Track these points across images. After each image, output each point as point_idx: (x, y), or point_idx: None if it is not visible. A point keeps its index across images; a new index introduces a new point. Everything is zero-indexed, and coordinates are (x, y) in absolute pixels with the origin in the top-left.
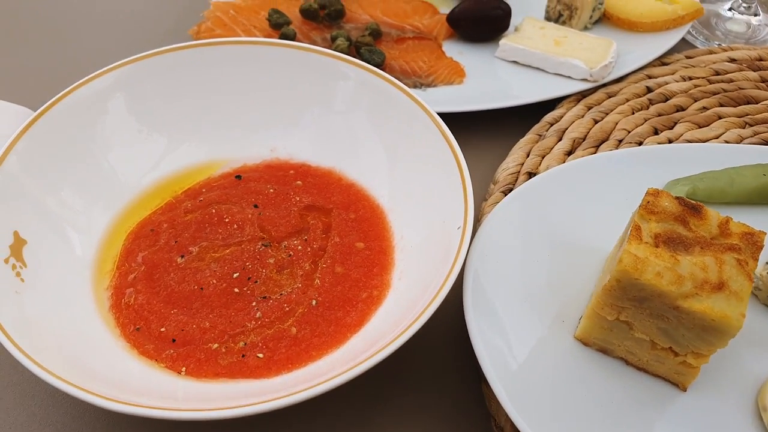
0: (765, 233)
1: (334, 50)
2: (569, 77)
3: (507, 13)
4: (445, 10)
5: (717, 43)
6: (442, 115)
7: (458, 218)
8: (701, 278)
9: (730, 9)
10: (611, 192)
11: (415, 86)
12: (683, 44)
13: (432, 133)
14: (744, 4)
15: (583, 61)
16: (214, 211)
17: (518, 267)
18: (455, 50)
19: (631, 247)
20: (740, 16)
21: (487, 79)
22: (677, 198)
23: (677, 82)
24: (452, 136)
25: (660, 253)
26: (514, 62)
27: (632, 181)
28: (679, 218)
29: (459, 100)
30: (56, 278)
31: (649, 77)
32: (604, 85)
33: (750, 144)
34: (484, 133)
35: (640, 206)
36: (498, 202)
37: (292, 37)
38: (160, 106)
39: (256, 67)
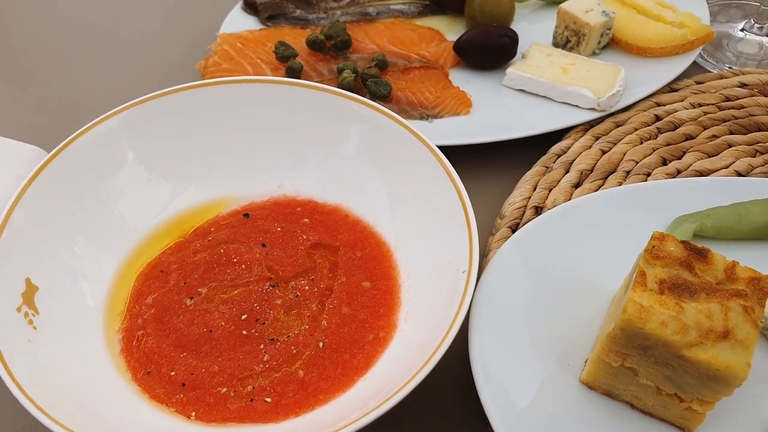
0: None
1: (340, 83)
2: (577, 106)
3: (514, 41)
4: (452, 36)
5: (728, 66)
6: (448, 148)
7: (464, 260)
8: (706, 327)
9: (742, 30)
10: (617, 229)
11: (421, 118)
12: (693, 67)
13: (437, 173)
14: (757, 25)
15: (591, 91)
16: (222, 250)
17: (523, 309)
18: (462, 78)
19: (635, 294)
20: (753, 37)
21: (494, 109)
22: (683, 242)
23: (686, 109)
24: (458, 177)
25: (664, 301)
26: (522, 90)
27: (638, 217)
28: (684, 263)
29: (465, 132)
30: (68, 323)
31: (658, 104)
32: (612, 114)
33: (761, 172)
34: (492, 163)
35: (645, 250)
36: (505, 238)
37: (299, 71)
38: (168, 146)
39: (262, 105)
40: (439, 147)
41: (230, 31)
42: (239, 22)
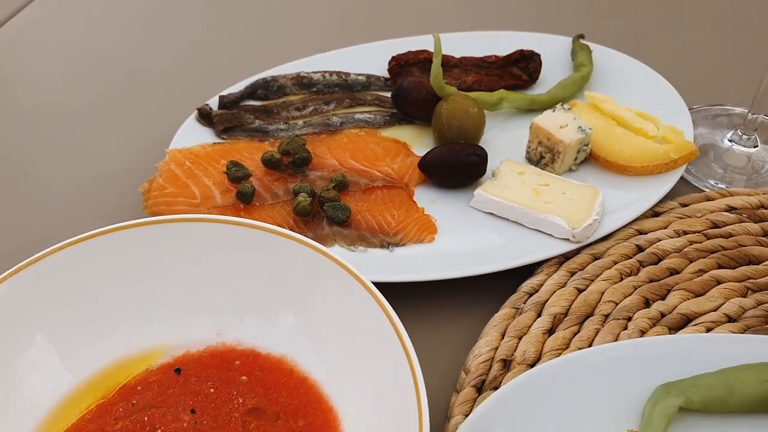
0: None
1: (296, 207)
2: (550, 235)
3: (483, 159)
4: (420, 148)
5: (714, 182)
6: (409, 284)
7: None
8: None
9: (729, 140)
10: (591, 400)
11: (382, 246)
12: (678, 182)
13: (387, 334)
14: (744, 135)
15: (565, 220)
16: (146, 418)
17: None
18: (427, 198)
19: None
20: (740, 149)
21: (461, 236)
22: None
23: (671, 238)
24: (410, 344)
25: None
26: (491, 213)
27: (616, 385)
28: None
29: (428, 264)
30: None
31: (640, 232)
32: (589, 245)
33: (753, 316)
34: (457, 298)
35: None
36: (470, 400)
37: (250, 195)
38: (94, 292)
39: (199, 245)
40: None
41: (182, 145)
42: (193, 134)
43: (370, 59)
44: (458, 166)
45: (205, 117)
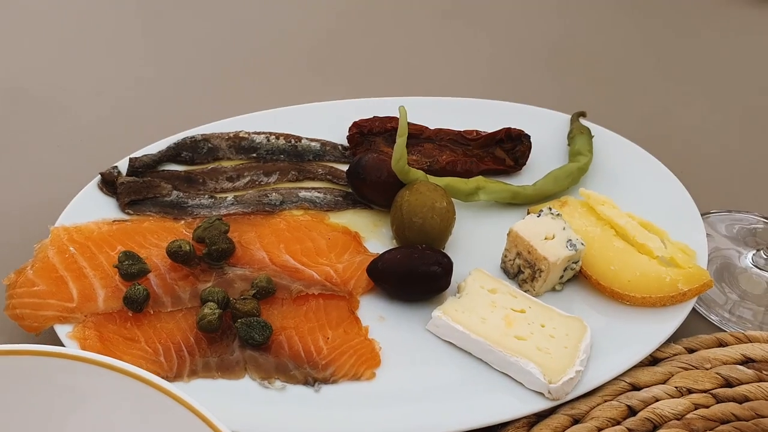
0: None
1: (200, 322)
2: (521, 383)
3: (446, 270)
4: (374, 243)
5: (727, 314)
6: None
7: None
8: None
9: (753, 263)
10: None
11: (306, 382)
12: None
13: None
14: (764, 256)
15: (540, 369)
16: None
17: None
18: (375, 313)
19: None
20: (759, 272)
21: (409, 373)
22: None
23: (671, 397)
24: None
25: None
26: (450, 343)
27: None
28: None
29: (363, 417)
30: None
31: (633, 387)
32: (568, 402)
33: None
34: None
35: None
36: None
37: (141, 302)
38: None
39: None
40: None
41: (75, 220)
42: (91, 206)
43: (328, 121)
44: (416, 277)
45: (108, 184)
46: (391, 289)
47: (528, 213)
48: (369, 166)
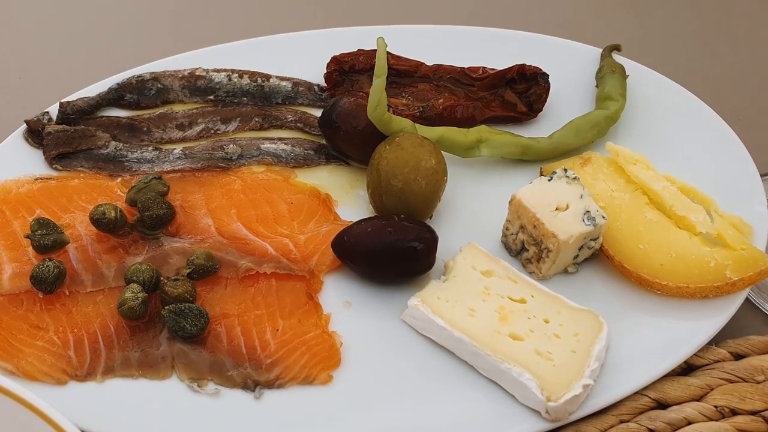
0: None
1: (120, 308)
2: (513, 396)
3: (429, 247)
4: (348, 208)
5: None
6: None
7: None
8: None
9: None
10: None
11: (245, 386)
12: None
13: None
14: None
15: (538, 381)
16: None
17: None
18: (340, 298)
19: None
20: None
21: (374, 376)
22: None
23: (707, 419)
24: None
25: None
26: (429, 338)
27: None
28: None
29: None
30: None
31: (659, 404)
32: (574, 423)
33: None
34: None
35: None
36: None
37: (51, 282)
38: None
39: None
40: None
41: None
42: (12, 160)
43: (302, 56)
44: (390, 256)
45: (35, 134)
46: (361, 269)
47: (541, 174)
48: (344, 112)
